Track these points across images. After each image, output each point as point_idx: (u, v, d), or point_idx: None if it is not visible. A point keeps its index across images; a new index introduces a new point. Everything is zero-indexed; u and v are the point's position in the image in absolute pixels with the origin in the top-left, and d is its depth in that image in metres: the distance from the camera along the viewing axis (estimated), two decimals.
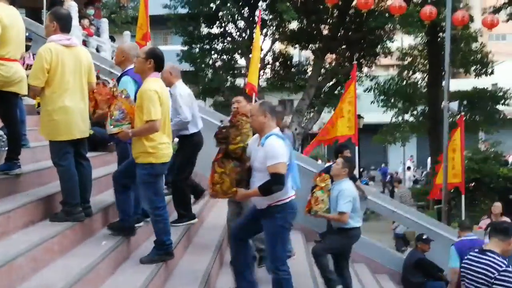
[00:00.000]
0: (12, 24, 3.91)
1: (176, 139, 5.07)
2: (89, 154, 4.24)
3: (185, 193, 5.11)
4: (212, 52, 18.28)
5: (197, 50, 17.97)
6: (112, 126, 3.73)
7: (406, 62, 19.25)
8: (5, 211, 3.38)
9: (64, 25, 3.87)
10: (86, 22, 9.48)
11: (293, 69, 19.44)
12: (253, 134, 4.07)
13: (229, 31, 18.25)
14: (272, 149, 3.70)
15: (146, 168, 3.77)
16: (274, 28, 18.23)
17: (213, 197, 4.41)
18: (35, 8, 9.80)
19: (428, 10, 10.21)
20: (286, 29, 18.31)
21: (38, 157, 4.75)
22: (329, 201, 5.37)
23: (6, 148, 3.94)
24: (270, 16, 17.42)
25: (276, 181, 3.68)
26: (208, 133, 4.86)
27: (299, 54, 23.42)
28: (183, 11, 17.86)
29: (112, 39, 11.35)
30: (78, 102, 3.86)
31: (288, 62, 19.43)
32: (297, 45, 19.36)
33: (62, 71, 3.73)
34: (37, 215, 3.76)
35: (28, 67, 4.60)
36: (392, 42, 17.95)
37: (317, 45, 17.60)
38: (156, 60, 3.80)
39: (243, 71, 18.48)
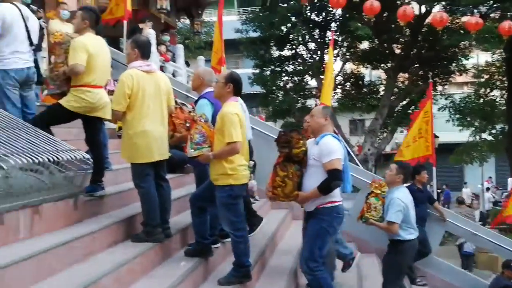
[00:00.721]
0: (98, 53, 4.13)
1: None
2: (167, 176, 4.33)
3: None
4: (283, 74, 18.48)
5: (268, 72, 18.25)
6: (192, 150, 3.79)
7: (482, 80, 18.21)
8: (90, 232, 3.50)
9: (144, 52, 4.02)
10: (163, 48, 9.89)
11: (364, 89, 19.16)
12: None
13: (299, 53, 18.36)
14: (328, 146, 3.83)
15: (225, 190, 3.77)
16: (345, 48, 18.10)
17: (273, 200, 4.49)
18: (115, 36, 10.42)
19: (507, 25, 9.60)
20: (358, 49, 18.11)
21: (120, 179, 4.93)
22: (382, 209, 5.09)
23: (91, 171, 4.12)
24: (342, 37, 17.33)
25: (334, 177, 3.78)
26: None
27: (371, 74, 23.04)
28: (255, 35, 18.26)
29: (187, 64, 11.76)
30: (157, 125, 3.96)
31: (360, 82, 19.18)
32: (368, 65, 19.06)
33: (143, 96, 3.86)
34: (119, 235, 3.87)
35: (110, 92, 4.83)
36: (468, 59, 17.15)
37: (389, 64, 17.20)
38: (235, 84, 3.85)
39: (314, 92, 18.45)
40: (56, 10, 7.38)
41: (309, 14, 17.23)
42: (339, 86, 18.70)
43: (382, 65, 17.88)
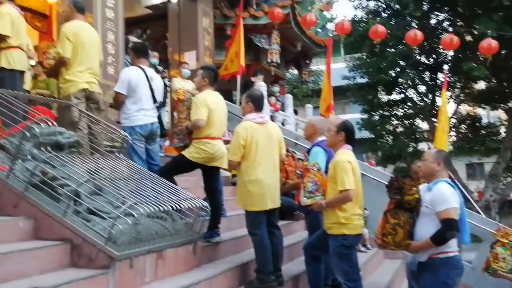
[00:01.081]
0: (216, 107, 4.46)
1: None
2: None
3: None
4: (392, 118, 18.01)
5: (377, 117, 17.92)
6: (305, 198, 3.85)
7: None
8: (207, 277, 3.67)
9: (257, 105, 4.26)
10: (273, 99, 10.31)
11: (482, 131, 17.84)
12: None
13: (409, 96, 17.83)
14: (442, 194, 3.53)
15: (339, 240, 3.75)
16: (459, 89, 17.20)
17: (382, 248, 4.27)
18: (228, 89, 11.12)
19: None
20: (473, 90, 17.09)
21: (234, 226, 5.12)
22: None
23: (209, 218, 4.35)
24: (455, 78, 16.53)
25: (449, 228, 3.47)
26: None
27: (488, 115, 21.47)
28: (362, 80, 18.21)
29: (295, 112, 12.05)
30: (270, 174, 4.11)
31: (477, 124, 17.95)
32: (486, 106, 17.82)
33: (256, 146, 4.05)
34: (234, 281, 4.00)
35: (226, 142, 5.12)
36: None
37: (510, 104, 15.92)
38: (347, 133, 3.87)
39: (425, 136, 17.65)
40: (178, 69, 8.13)
41: (418, 57, 16.79)
42: (454, 129, 17.68)
43: (501, 105, 16.62)
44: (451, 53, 15.47)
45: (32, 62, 6.18)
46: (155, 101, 4.84)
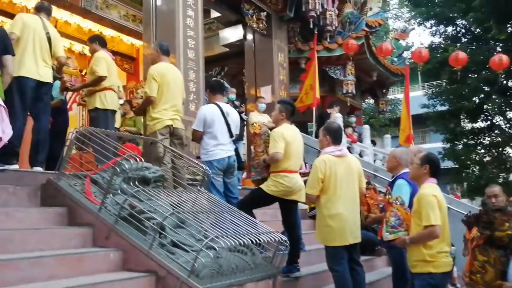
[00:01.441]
0: (293, 141, 4.49)
1: None
2: None
3: None
4: (478, 147, 16.98)
5: (460, 146, 17.00)
6: (388, 233, 3.71)
7: None
8: None
9: (335, 138, 4.23)
10: (349, 130, 10.17)
11: None
12: None
13: (496, 123, 16.78)
14: None
15: (424, 278, 3.55)
16: None
17: (471, 287, 3.91)
18: (304, 121, 11.15)
19: None
20: None
21: (313, 260, 5.04)
22: None
23: (287, 252, 4.32)
24: None
25: None
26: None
27: None
28: (442, 108, 17.47)
29: (373, 143, 11.77)
30: (350, 208, 4.03)
31: None
32: None
33: (335, 180, 4.00)
34: None
35: (302, 174, 5.11)
36: None
37: None
38: (432, 165, 3.71)
39: None
40: (255, 104, 8.33)
41: (504, 82, 15.85)
42: None
43: None
44: None
45: (121, 101, 6.65)
46: (231, 135, 4.97)
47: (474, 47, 15.29)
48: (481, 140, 17.07)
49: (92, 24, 9.74)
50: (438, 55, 15.42)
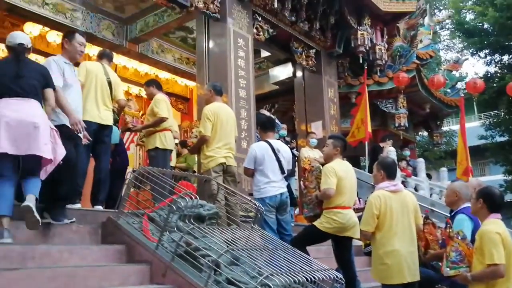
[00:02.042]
0: (345, 176, 4.46)
1: None
2: None
3: None
4: None
5: None
6: (448, 268, 3.55)
7: None
8: None
9: (389, 173, 4.15)
10: (403, 163, 9.94)
11: None
12: None
13: None
14: None
15: None
16: None
17: None
18: (356, 156, 11.02)
19: None
20: None
21: None
22: None
23: None
24: None
25: None
26: None
27: None
28: (502, 139, 16.74)
29: (429, 176, 11.40)
30: (407, 244, 3.90)
31: None
32: None
33: (391, 216, 3.91)
34: None
35: (355, 210, 5.02)
36: None
37: None
38: (487, 199, 3.54)
39: None
40: (306, 139, 8.36)
41: None
42: None
43: None
44: None
45: (176, 141, 6.89)
46: (283, 172, 4.99)
47: None
48: None
49: (148, 67, 10.27)
50: (495, 84, 14.91)
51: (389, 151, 8.78)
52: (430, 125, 13.39)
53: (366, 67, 10.13)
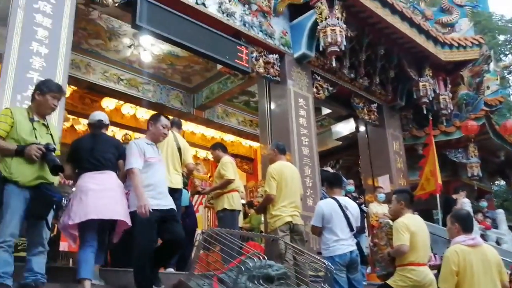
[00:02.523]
0: (418, 231, 4.30)
1: None
2: None
3: None
4: None
5: None
6: None
7: None
8: None
9: (465, 226, 3.94)
10: (479, 216, 9.37)
11: None
12: None
13: None
14: None
15: None
16: None
17: None
18: (427, 209, 10.53)
19: None
20: None
21: None
22: None
23: None
24: None
25: None
26: None
27: None
28: None
29: (511, 228, 10.60)
30: None
31: None
32: None
33: (471, 273, 3.67)
34: None
35: (431, 267, 4.76)
36: None
37: None
38: None
39: None
40: (374, 194, 8.18)
41: None
42: None
43: None
44: None
45: (243, 201, 7.01)
46: (352, 229, 4.89)
47: None
48: None
49: (214, 132, 10.73)
50: None
51: (463, 203, 8.35)
52: (507, 173, 12.63)
53: (431, 118, 9.91)
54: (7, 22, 4.65)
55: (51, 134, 3.60)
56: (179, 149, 5.36)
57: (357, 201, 7.56)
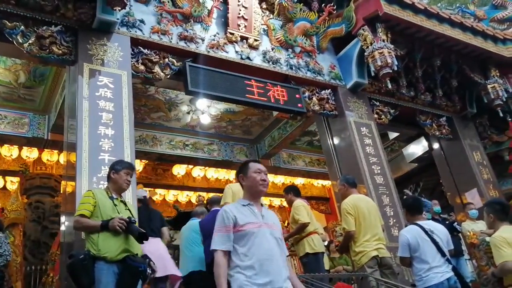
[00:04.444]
0: None
1: None
2: None
3: None
4: None
5: None
6: None
7: None
8: None
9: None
10: None
11: None
12: None
13: None
14: None
15: None
16: None
17: None
18: None
19: None
20: None
21: None
22: None
23: None
24: None
25: None
26: None
27: None
28: None
29: None
30: None
31: None
32: None
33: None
34: None
35: None
36: None
37: None
38: None
39: None
40: (464, 212, 7.60)
41: None
42: None
43: None
44: None
45: (325, 243, 6.78)
46: (443, 254, 4.52)
47: None
48: None
49: (283, 178, 10.70)
50: None
51: None
52: None
53: (510, 120, 9.23)
54: (75, 113, 5.04)
55: (129, 210, 3.81)
56: None
57: (447, 222, 7.07)
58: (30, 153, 8.62)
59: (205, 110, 9.03)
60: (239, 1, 6.86)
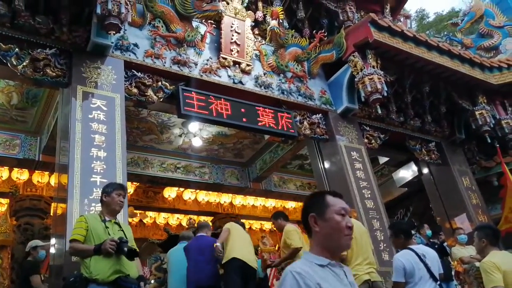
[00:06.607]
0: (510, 268, 3.90)
1: None
2: None
3: None
4: None
5: None
6: None
7: None
8: None
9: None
10: None
11: None
12: None
13: None
14: None
15: None
16: None
17: None
18: None
19: None
20: None
21: None
22: None
23: None
24: None
25: None
26: None
27: None
28: None
29: None
30: None
31: None
32: None
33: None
34: None
35: None
36: None
37: None
38: None
39: None
40: (454, 237, 7.62)
41: None
42: None
43: None
44: None
45: None
46: (435, 279, 4.52)
47: None
48: None
49: (274, 201, 10.69)
50: None
51: None
52: None
53: (497, 145, 9.35)
54: (68, 135, 5.04)
55: (123, 231, 3.82)
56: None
57: (436, 246, 7.07)
58: (20, 175, 8.56)
59: (197, 133, 9.07)
60: (232, 27, 6.99)
